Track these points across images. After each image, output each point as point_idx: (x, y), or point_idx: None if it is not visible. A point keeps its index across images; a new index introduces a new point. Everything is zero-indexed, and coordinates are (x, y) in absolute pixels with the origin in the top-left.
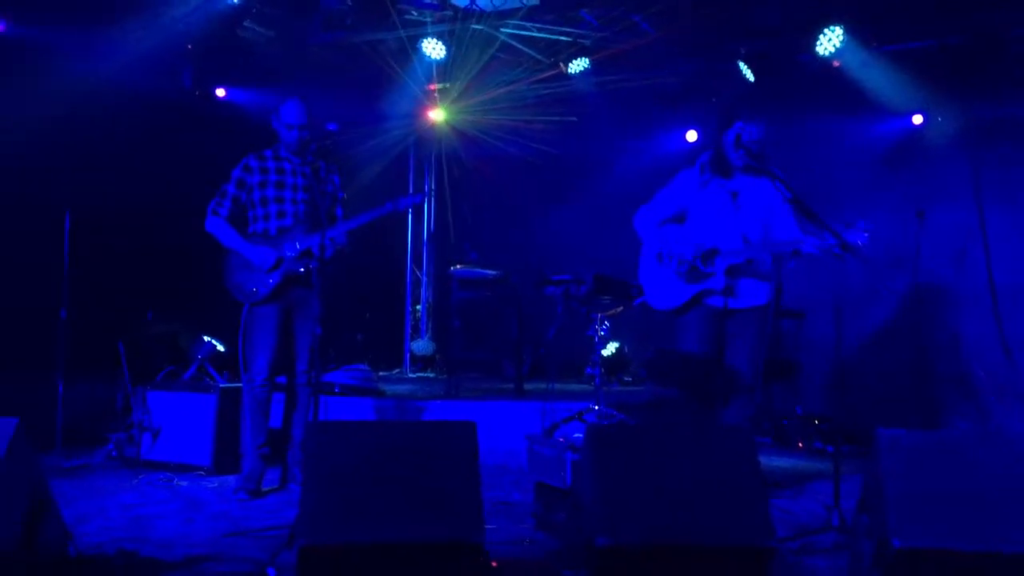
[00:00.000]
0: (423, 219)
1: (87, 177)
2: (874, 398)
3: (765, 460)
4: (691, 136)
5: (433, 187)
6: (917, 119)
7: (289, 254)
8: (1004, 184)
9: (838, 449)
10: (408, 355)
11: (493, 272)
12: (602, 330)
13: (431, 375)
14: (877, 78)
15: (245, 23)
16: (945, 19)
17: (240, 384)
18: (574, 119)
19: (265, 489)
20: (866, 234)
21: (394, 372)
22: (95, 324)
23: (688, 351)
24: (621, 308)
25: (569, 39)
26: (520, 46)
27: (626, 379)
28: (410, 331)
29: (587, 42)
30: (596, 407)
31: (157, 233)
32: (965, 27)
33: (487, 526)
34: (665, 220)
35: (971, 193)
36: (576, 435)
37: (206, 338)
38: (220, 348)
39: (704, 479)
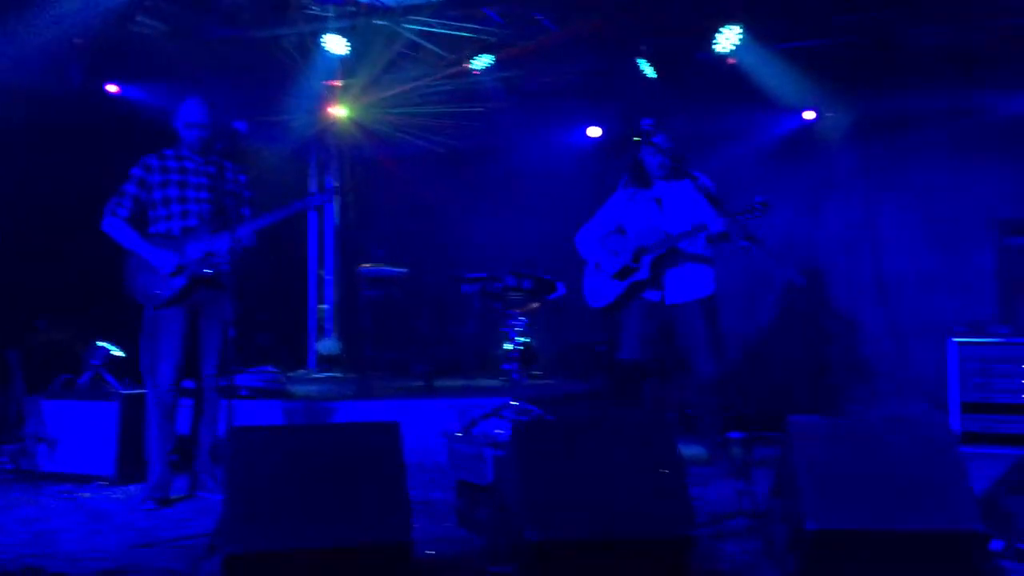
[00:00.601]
0: (326, 217)
1: None
2: (775, 385)
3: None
4: (595, 132)
5: (337, 184)
6: (809, 115)
7: (193, 256)
8: (893, 177)
9: (750, 436)
10: (313, 355)
11: (402, 270)
12: (518, 326)
13: (338, 375)
14: (773, 75)
15: (138, 18)
16: (836, 18)
17: (143, 390)
18: (480, 113)
19: (173, 498)
20: (759, 209)
21: (299, 372)
22: None
23: (628, 353)
24: (538, 304)
25: (473, 36)
26: (424, 42)
27: (535, 373)
28: (315, 331)
29: (491, 39)
30: (514, 403)
31: (47, 237)
32: (854, 26)
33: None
34: (604, 236)
35: (862, 186)
36: (496, 431)
37: (100, 343)
38: (117, 353)
39: (628, 471)
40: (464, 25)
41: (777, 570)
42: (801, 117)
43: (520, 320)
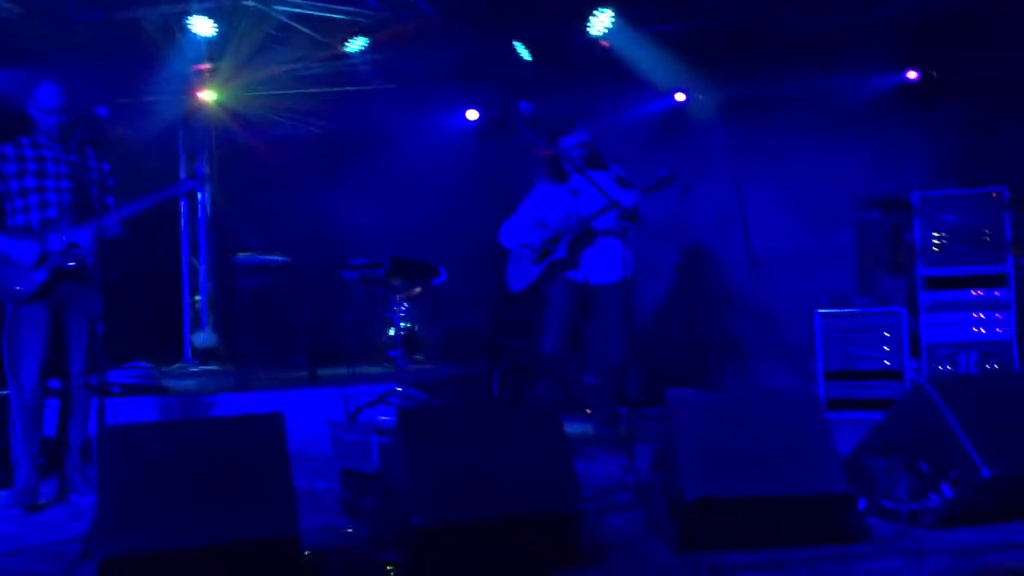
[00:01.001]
0: (198, 205)
1: None
2: (657, 362)
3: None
4: (472, 115)
5: (207, 171)
6: (679, 97)
7: (55, 248)
8: (761, 157)
9: (630, 412)
10: (189, 348)
11: (279, 258)
12: (401, 311)
13: (216, 367)
14: (645, 58)
15: None
16: (704, 2)
17: (6, 392)
18: (356, 97)
19: (42, 502)
20: (664, 181)
21: (175, 367)
22: None
23: (550, 347)
24: (419, 289)
25: (347, 18)
26: (296, 25)
27: (418, 358)
28: (190, 323)
29: (367, 21)
30: (399, 388)
31: None
32: (721, 10)
33: None
34: (526, 229)
35: (731, 166)
36: (382, 418)
37: None
38: None
39: (513, 454)
40: (338, 7)
41: (661, 540)
42: (672, 98)
43: (403, 306)
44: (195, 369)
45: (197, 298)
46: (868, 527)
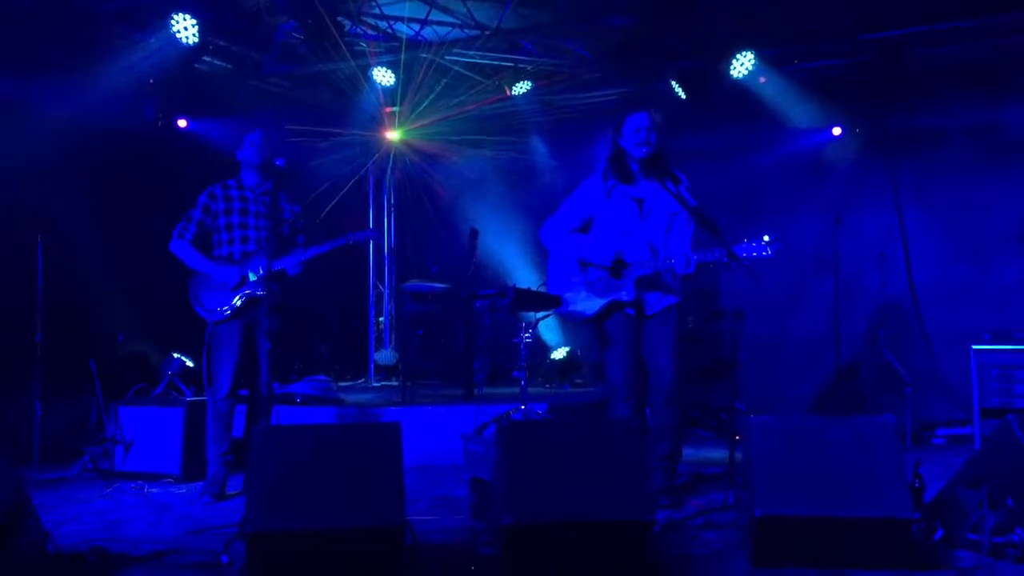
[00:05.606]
0: (384, 234)
1: (58, 208)
2: (807, 391)
3: (704, 453)
4: None
5: (393, 202)
6: (836, 131)
7: (251, 276)
8: (920, 191)
9: (733, 436)
10: (372, 365)
11: (442, 285)
12: (527, 337)
13: (394, 383)
14: (796, 94)
15: (204, 57)
16: (854, 38)
17: (204, 398)
18: (521, 136)
19: (229, 493)
20: (770, 248)
21: (359, 381)
22: (69, 345)
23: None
24: (545, 316)
25: (511, 64)
26: (466, 72)
27: (578, 381)
28: (374, 342)
29: (528, 67)
30: (523, 407)
31: (126, 256)
32: (873, 45)
33: (429, 518)
34: (573, 230)
35: (888, 199)
36: None
37: (175, 355)
38: (189, 364)
39: (595, 465)
40: (502, 55)
41: (744, 555)
42: (829, 133)
43: (529, 332)
44: (376, 384)
45: (381, 319)
46: (948, 556)
